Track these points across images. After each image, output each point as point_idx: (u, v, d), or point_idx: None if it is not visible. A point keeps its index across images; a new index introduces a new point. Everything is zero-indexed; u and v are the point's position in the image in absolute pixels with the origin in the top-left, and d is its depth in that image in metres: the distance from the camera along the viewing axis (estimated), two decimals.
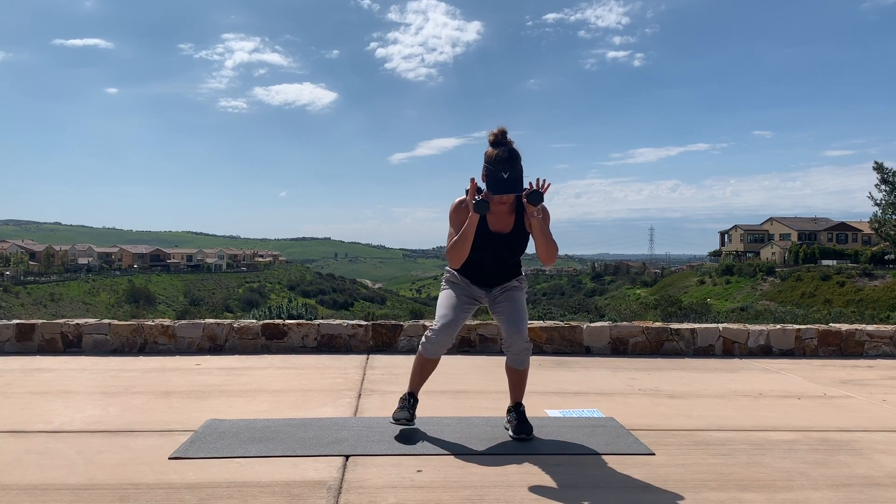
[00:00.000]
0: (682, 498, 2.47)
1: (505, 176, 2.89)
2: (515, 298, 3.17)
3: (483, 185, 2.99)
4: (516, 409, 3.20)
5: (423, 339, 3.12)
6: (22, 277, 73.76)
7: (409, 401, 3.20)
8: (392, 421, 3.19)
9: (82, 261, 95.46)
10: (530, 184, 2.96)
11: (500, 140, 2.96)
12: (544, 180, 2.95)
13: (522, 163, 2.95)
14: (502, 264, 3.15)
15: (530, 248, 3.16)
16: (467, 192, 2.97)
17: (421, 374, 3.21)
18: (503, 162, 2.89)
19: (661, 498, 2.46)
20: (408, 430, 3.23)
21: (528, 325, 5.67)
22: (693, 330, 5.79)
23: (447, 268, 3.24)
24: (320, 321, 5.91)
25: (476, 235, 3.01)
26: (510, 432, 3.15)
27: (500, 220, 3.05)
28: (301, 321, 5.82)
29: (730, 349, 5.76)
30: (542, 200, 2.94)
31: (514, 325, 3.08)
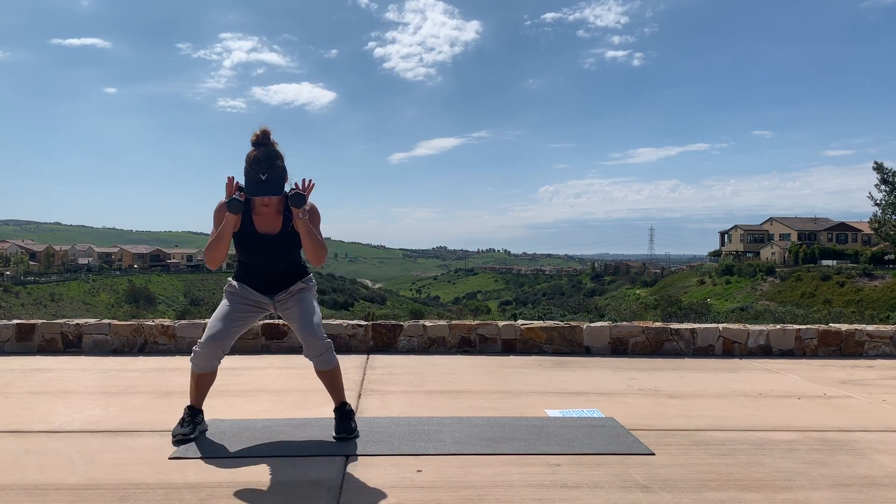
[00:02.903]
0: (682, 498, 2.47)
1: (263, 177, 2.85)
2: (303, 300, 3.11)
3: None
4: (341, 410, 3.13)
5: (192, 353, 3.03)
6: (22, 277, 73.76)
7: (190, 415, 3.07)
8: (172, 439, 3.02)
9: (82, 261, 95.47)
10: (296, 184, 2.93)
11: (261, 141, 2.91)
12: (309, 181, 2.92)
13: (285, 163, 2.92)
14: (278, 266, 3.09)
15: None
16: (226, 190, 2.92)
17: (197, 388, 3.08)
18: (261, 163, 2.85)
19: (661, 498, 2.46)
20: (408, 430, 3.23)
21: (529, 325, 5.70)
22: (693, 330, 5.79)
23: (229, 279, 3.18)
24: None
25: (244, 237, 3.00)
26: (332, 433, 3.09)
27: (268, 221, 3.01)
28: None
29: (730, 349, 5.76)
30: (306, 202, 2.90)
31: (308, 329, 3.02)
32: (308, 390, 4.14)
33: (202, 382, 3.07)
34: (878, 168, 44.37)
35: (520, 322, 5.90)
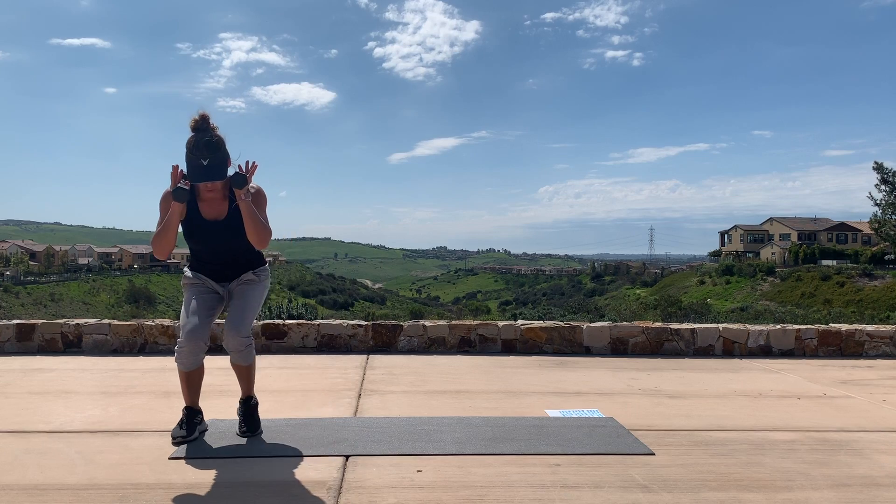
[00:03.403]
0: (682, 498, 2.47)
1: (204, 163, 2.84)
2: (244, 294, 3.10)
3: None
4: (246, 403, 3.15)
5: (175, 353, 3.02)
6: (22, 277, 73.75)
7: (187, 416, 3.06)
8: (171, 440, 3.01)
9: (82, 261, 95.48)
10: (239, 167, 2.92)
11: (200, 126, 2.89)
12: (252, 162, 2.92)
13: (227, 147, 2.91)
14: (228, 252, 3.08)
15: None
16: (171, 178, 2.91)
17: (188, 386, 3.06)
18: (202, 148, 2.84)
19: (661, 498, 2.46)
20: (408, 429, 3.23)
21: (529, 325, 5.70)
22: (693, 330, 5.79)
23: (184, 268, 3.17)
24: (320, 321, 5.91)
25: (192, 225, 2.99)
26: (236, 429, 3.11)
27: (214, 207, 3.01)
28: (301, 321, 5.82)
29: (730, 349, 5.76)
30: (247, 183, 2.88)
31: (231, 323, 3.01)
32: (308, 390, 4.14)
33: (192, 380, 3.06)
34: (878, 168, 44.35)
35: (520, 322, 5.90)
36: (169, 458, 2.81)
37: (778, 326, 6.04)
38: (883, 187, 44.20)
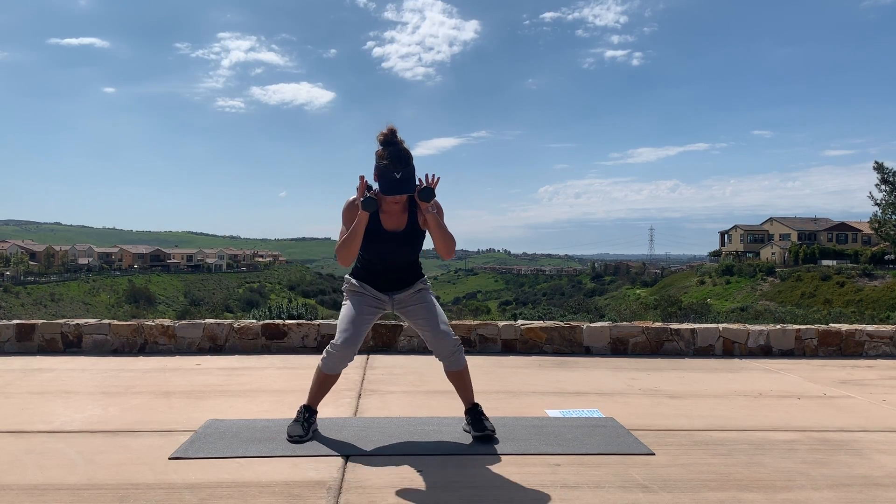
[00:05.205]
0: (682, 498, 2.47)
1: (397, 176, 2.86)
2: (428, 300, 3.13)
3: (375, 185, 2.97)
4: (473, 411, 3.15)
5: (325, 353, 3.05)
6: (22, 277, 73.75)
7: (305, 415, 3.10)
8: (287, 437, 3.05)
9: (82, 261, 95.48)
10: (419, 180, 2.95)
11: (390, 139, 2.92)
12: (434, 175, 2.95)
13: (414, 162, 2.93)
14: (401, 264, 3.11)
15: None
16: (357, 189, 2.96)
17: (319, 389, 3.11)
18: (396, 162, 2.86)
19: (661, 498, 2.47)
20: (408, 429, 3.23)
21: (529, 325, 5.70)
22: (693, 330, 5.79)
23: (347, 276, 3.20)
24: (320, 321, 5.91)
25: (370, 235, 3.00)
26: (472, 432, 3.10)
27: (394, 218, 3.04)
28: (301, 321, 5.82)
29: (730, 349, 5.76)
30: (434, 196, 2.93)
31: (438, 329, 3.04)
32: (308, 390, 4.14)
33: (327, 384, 3.11)
34: (879, 168, 44.39)
35: (520, 322, 5.90)
36: (169, 458, 2.81)
37: (778, 326, 6.04)
38: (883, 187, 44.24)
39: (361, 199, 2.90)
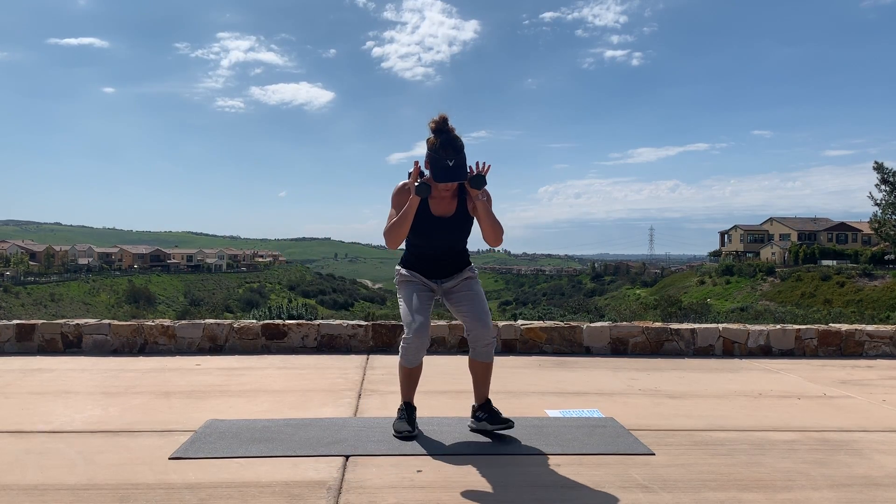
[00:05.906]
0: (682, 498, 2.47)
1: (450, 164, 2.90)
2: (476, 290, 3.16)
3: (426, 171, 3.00)
4: (488, 406, 3.17)
5: (401, 349, 3.08)
6: (22, 278, 73.74)
7: (407, 412, 3.17)
8: (394, 434, 3.12)
9: (82, 261, 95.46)
10: (470, 168, 2.97)
11: (441, 127, 2.95)
12: (485, 163, 2.98)
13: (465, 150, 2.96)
14: (450, 251, 3.14)
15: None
16: (410, 174, 2.99)
17: (409, 383, 3.17)
18: (448, 150, 2.90)
19: (661, 498, 2.47)
20: None
21: (529, 325, 5.70)
22: (693, 330, 5.79)
23: (397, 267, 3.23)
24: (320, 321, 5.91)
25: (419, 221, 3.01)
26: (490, 427, 3.12)
27: (443, 204, 3.06)
28: (301, 321, 5.82)
29: (730, 349, 5.76)
30: (486, 183, 2.97)
31: (481, 320, 3.07)
32: (308, 390, 4.14)
33: (414, 376, 3.16)
34: (879, 168, 44.33)
35: (520, 322, 5.90)
36: (169, 458, 2.81)
37: (778, 326, 6.04)
38: (883, 187, 44.18)
39: (415, 184, 2.92)
